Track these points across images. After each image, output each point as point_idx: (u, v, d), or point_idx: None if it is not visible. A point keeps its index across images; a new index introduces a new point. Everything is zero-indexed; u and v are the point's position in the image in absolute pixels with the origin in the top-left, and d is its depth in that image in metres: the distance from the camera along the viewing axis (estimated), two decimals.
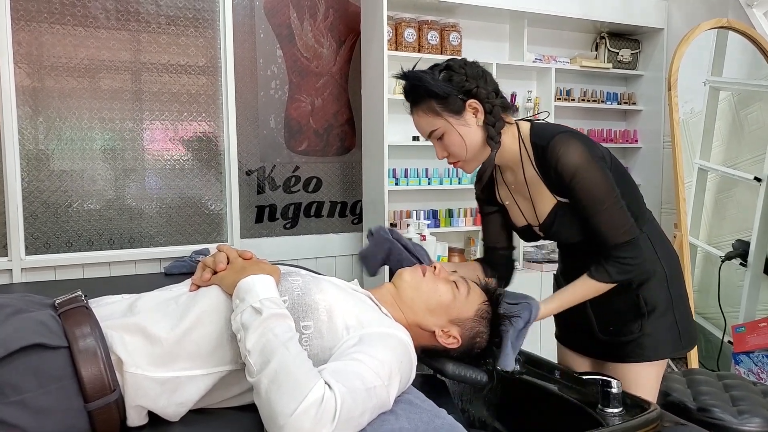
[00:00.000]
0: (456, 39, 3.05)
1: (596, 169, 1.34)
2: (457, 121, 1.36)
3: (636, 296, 1.48)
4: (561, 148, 1.35)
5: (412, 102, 1.39)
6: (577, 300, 1.47)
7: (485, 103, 1.36)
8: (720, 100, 3.10)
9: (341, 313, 1.09)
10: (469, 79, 1.35)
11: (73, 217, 2.59)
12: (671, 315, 1.50)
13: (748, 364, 2.79)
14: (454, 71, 1.35)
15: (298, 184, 3.06)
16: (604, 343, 1.54)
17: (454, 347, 1.25)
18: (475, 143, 1.39)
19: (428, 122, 1.38)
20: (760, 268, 2.89)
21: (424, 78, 1.34)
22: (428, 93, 1.34)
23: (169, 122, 2.73)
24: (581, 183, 1.34)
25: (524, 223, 1.54)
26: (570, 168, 1.34)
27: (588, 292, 1.44)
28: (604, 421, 1.24)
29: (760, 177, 2.88)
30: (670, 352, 1.53)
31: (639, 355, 1.50)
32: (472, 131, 1.37)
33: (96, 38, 2.58)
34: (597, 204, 1.35)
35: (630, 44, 3.56)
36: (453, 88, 1.34)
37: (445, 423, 0.99)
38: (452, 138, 1.38)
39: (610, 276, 1.39)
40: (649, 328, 1.49)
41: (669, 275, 1.51)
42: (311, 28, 3.01)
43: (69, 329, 0.95)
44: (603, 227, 1.36)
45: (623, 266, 1.38)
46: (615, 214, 1.36)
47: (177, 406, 1.00)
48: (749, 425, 1.63)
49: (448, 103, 1.35)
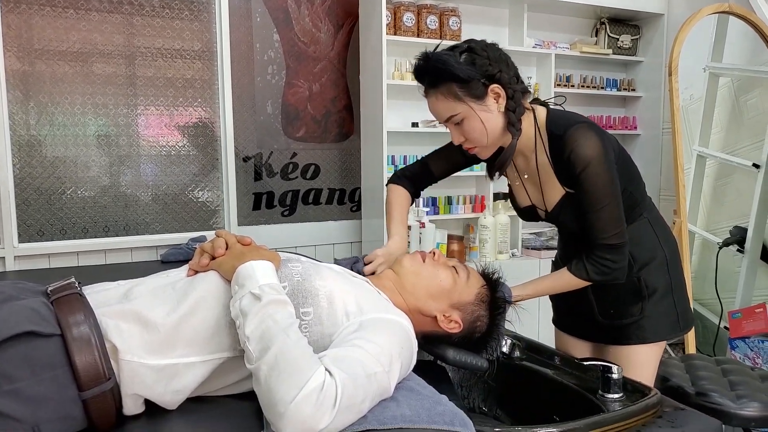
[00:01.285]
0: (455, 24, 3.01)
1: (607, 167, 1.33)
2: (479, 107, 1.32)
3: (637, 279, 1.49)
4: (578, 140, 1.33)
5: (431, 84, 1.34)
6: (551, 291, 1.49)
7: (507, 88, 1.32)
8: (720, 86, 3.08)
9: (341, 300, 1.07)
10: (492, 63, 1.30)
11: (66, 204, 2.56)
12: (670, 298, 1.52)
13: (743, 349, 2.80)
14: (477, 54, 1.30)
15: (296, 171, 3.03)
16: (605, 327, 1.55)
17: (456, 332, 1.24)
18: (496, 129, 1.36)
19: (448, 107, 1.33)
20: (757, 254, 2.89)
21: (449, 61, 1.28)
22: (451, 77, 1.29)
23: (164, 108, 2.70)
24: (589, 177, 1.33)
25: (528, 204, 1.53)
26: (583, 160, 1.32)
27: (563, 285, 1.45)
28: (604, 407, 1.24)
29: (759, 163, 2.88)
30: (669, 334, 1.54)
31: (639, 337, 1.51)
32: (493, 117, 1.34)
33: (88, 21, 2.53)
34: (598, 201, 1.34)
35: (630, 30, 3.53)
36: (476, 71, 1.29)
37: (447, 409, 0.98)
38: (473, 124, 1.34)
39: (588, 274, 1.39)
40: (649, 310, 1.50)
41: (669, 259, 1.52)
42: (308, 12, 2.97)
43: (62, 317, 0.93)
44: (596, 224, 1.36)
45: (602, 267, 1.38)
46: (611, 215, 1.35)
47: (174, 394, 0.99)
48: (747, 409, 1.64)
49: (471, 88, 1.30)
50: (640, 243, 1.49)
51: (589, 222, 1.37)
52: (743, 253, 2.90)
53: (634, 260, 1.48)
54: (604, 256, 1.37)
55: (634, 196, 1.46)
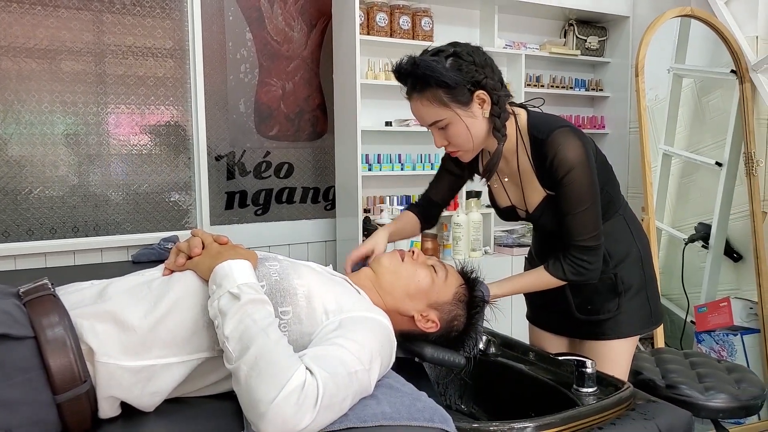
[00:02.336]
0: (428, 24, 3.03)
1: (589, 172, 1.36)
2: (464, 113, 1.32)
3: (614, 275, 1.52)
4: (561, 144, 1.35)
5: (416, 89, 1.33)
6: (528, 289, 1.51)
7: (493, 94, 1.33)
8: (683, 87, 3.16)
9: (320, 298, 1.07)
10: (478, 69, 1.30)
11: (34, 204, 2.50)
12: (644, 293, 1.56)
13: (709, 342, 2.88)
14: (463, 59, 1.30)
15: (269, 170, 3.01)
16: (581, 322, 1.58)
17: (433, 331, 1.25)
18: (481, 135, 1.37)
19: (433, 112, 1.33)
20: (721, 249, 2.97)
21: (436, 68, 1.27)
22: (438, 83, 1.29)
23: (135, 106, 2.65)
24: (572, 181, 1.35)
25: (508, 204, 1.55)
26: (566, 164, 1.34)
27: (540, 283, 1.47)
28: (579, 401, 1.27)
29: (721, 162, 2.96)
30: (643, 328, 1.58)
31: (615, 332, 1.54)
32: (478, 122, 1.35)
33: (56, 18, 2.48)
34: (579, 204, 1.36)
35: (597, 32, 3.60)
36: (462, 78, 1.29)
37: (427, 406, 0.99)
38: (458, 129, 1.34)
39: (564, 274, 1.42)
40: (624, 306, 1.53)
41: (643, 255, 1.56)
42: (281, 11, 2.96)
43: (35, 318, 0.91)
44: (575, 226, 1.38)
45: (578, 268, 1.40)
46: (589, 217, 1.38)
47: (151, 396, 0.98)
48: (715, 401, 1.69)
49: (457, 94, 1.30)
50: (616, 240, 1.52)
51: (567, 223, 1.39)
52: (708, 249, 2.99)
53: (610, 257, 1.51)
54: (581, 257, 1.40)
55: (610, 194, 1.50)
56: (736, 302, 2.83)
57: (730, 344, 2.83)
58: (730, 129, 2.93)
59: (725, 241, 2.97)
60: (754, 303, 2.83)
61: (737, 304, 2.83)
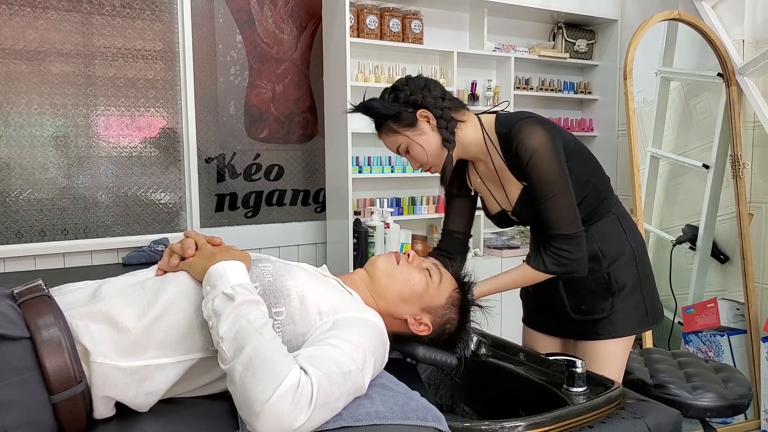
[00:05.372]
0: (417, 27, 3.05)
1: (552, 156, 1.38)
2: (414, 133, 1.45)
3: (607, 275, 1.53)
4: (522, 133, 1.40)
5: (376, 128, 1.51)
6: (512, 285, 1.53)
7: (433, 109, 1.44)
8: (671, 90, 3.20)
9: (314, 299, 1.08)
10: (413, 93, 1.44)
11: (23, 206, 2.48)
12: (639, 292, 1.57)
13: (697, 343, 2.91)
14: (399, 90, 1.46)
15: (260, 172, 3.01)
16: (576, 322, 1.59)
17: (425, 334, 1.26)
18: (435, 147, 1.46)
19: (392, 141, 1.50)
20: (708, 251, 3.00)
21: (372, 105, 1.45)
22: (382, 116, 1.46)
23: (125, 108, 2.65)
24: (536, 166, 1.38)
25: (498, 209, 1.57)
26: (528, 151, 1.38)
27: (523, 279, 1.49)
28: (569, 400, 1.28)
29: (708, 164, 2.99)
30: (638, 327, 1.59)
31: (610, 332, 1.56)
32: (430, 138, 1.45)
33: (45, 20, 2.47)
34: (546, 190, 1.39)
35: (586, 35, 3.63)
36: (401, 105, 1.43)
37: (420, 405, 1.00)
38: (415, 149, 1.47)
39: (545, 266, 1.43)
40: (618, 305, 1.54)
41: (637, 254, 1.57)
42: (271, 13, 2.96)
43: (31, 319, 0.91)
44: (547, 213, 1.41)
45: (559, 258, 1.42)
46: (561, 203, 1.40)
47: (146, 396, 0.98)
48: (703, 400, 1.71)
49: (402, 119, 1.44)
50: (609, 239, 1.54)
51: (542, 213, 1.41)
52: (695, 251, 3.02)
53: (603, 256, 1.52)
54: (561, 247, 1.41)
55: (598, 189, 1.51)
56: (723, 303, 2.87)
57: (717, 345, 2.87)
58: (716, 131, 2.97)
59: (712, 243, 3.01)
60: (740, 304, 2.87)
61: (724, 305, 2.86)
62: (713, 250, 3.00)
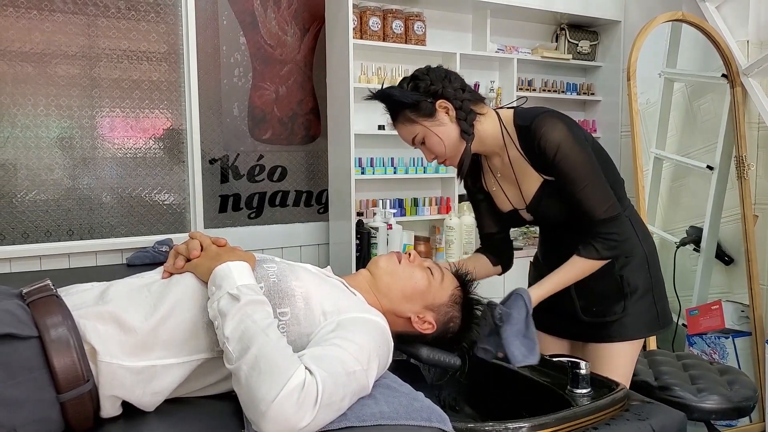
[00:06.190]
0: (420, 28, 3.05)
1: (578, 147, 1.39)
2: (432, 123, 1.43)
3: (619, 277, 1.53)
4: (544, 126, 1.40)
5: (392, 117, 1.47)
6: (568, 281, 1.50)
7: (453, 100, 1.42)
8: (674, 91, 3.19)
9: (318, 300, 1.09)
10: (434, 82, 1.42)
11: (29, 207, 2.50)
12: (650, 296, 1.56)
13: (701, 345, 2.90)
14: (419, 79, 1.44)
15: (263, 173, 3.02)
16: (586, 325, 1.58)
17: (429, 332, 1.27)
18: (453, 139, 1.44)
19: (408, 131, 1.47)
20: (712, 253, 3.00)
21: (392, 93, 1.43)
22: (400, 105, 1.43)
23: (129, 110, 2.66)
24: (564, 159, 1.38)
25: (510, 208, 1.57)
26: (553, 144, 1.38)
27: (578, 272, 1.47)
28: (573, 402, 1.28)
29: (712, 165, 2.99)
30: (649, 331, 1.59)
31: (621, 334, 1.55)
32: (448, 129, 1.44)
33: (52, 22, 2.48)
34: (580, 180, 1.39)
35: (589, 36, 3.63)
36: (420, 94, 1.41)
37: (424, 405, 1.00)
38: (432, 139, 1.44)
39: (599, 252, 1.42)
40: (630, 308, 1.54)
41: (649, 257, 1.57)
42: (275, 15, 2.97)
43: (39, 319, 0.92)
44: (586, 203, 1.40)
45: (609, 242, 1.42)
46: (598, 190, 1.40)
47: (152, 396, 0.99)
48: (707, 402, 1.71)
49: (420, 109, 1.42)
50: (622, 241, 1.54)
51: (579, 203, 1.40)
52: (699, 253, 3.01)
53: (616, 259, 1.52)
54: (610, 231, 1.41)
55: (614, 190, 1.51)
56: (728, 305, 2.86)
57: (721, 347, 2.86)
58: (721, 133, 2.96)
59: (716, 245, 3.00)
60: (745, 306, 2.86)
61: (729, 307, 2.85)
62: (717, 251, 3.00)
